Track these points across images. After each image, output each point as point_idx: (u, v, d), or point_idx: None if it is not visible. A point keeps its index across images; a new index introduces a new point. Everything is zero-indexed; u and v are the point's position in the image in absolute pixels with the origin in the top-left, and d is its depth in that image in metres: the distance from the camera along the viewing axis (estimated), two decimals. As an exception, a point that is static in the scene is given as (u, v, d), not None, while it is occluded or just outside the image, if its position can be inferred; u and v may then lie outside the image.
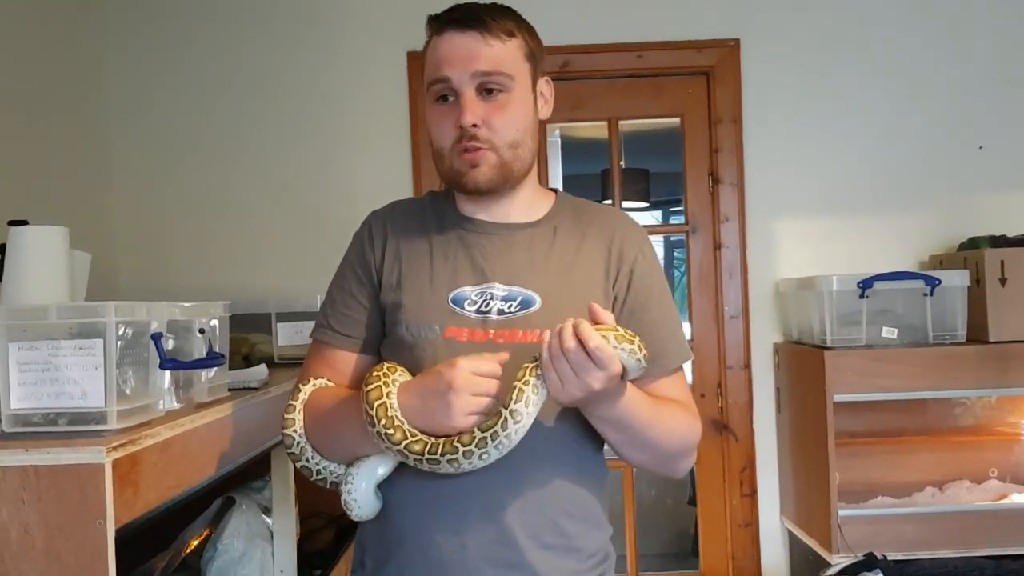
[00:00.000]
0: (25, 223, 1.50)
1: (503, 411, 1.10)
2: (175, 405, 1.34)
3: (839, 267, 2.74)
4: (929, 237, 2.85)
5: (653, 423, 1.20)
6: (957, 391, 2.55)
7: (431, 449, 1.10)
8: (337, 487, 1.24)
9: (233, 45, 2.88)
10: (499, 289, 1.25)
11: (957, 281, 2.50)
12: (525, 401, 1.09)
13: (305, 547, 2.17)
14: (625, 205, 3.37)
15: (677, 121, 2.95)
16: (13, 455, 1.03)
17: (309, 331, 1.35)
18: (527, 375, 1.10)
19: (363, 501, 1.21)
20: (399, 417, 1.12)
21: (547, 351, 1.08)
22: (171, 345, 1.30)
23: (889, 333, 2.47)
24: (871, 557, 2.31)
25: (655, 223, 5.45)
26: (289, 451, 1.25)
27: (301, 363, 1.37)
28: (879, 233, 2.86)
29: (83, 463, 1.03)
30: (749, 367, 2.88)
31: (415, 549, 1.22)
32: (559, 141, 3.55)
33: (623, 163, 3.21)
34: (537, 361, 1.10)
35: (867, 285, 2.46)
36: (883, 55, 2.87)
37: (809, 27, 2.88)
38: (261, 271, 2.83)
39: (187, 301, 1.39)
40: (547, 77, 1.34)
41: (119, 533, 1.06)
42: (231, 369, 1.58)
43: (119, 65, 2.86)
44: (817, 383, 2.44)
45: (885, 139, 2.88)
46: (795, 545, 2.77)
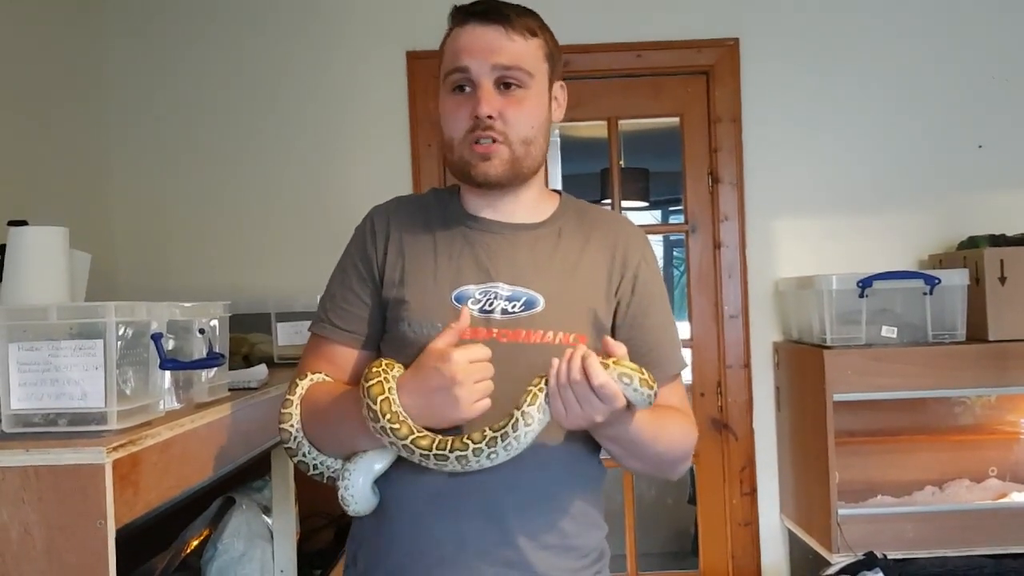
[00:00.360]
0: (25, 223, 1.50)
1: (515, 412, 1.10)
2: (175, 405, 1.34)
3: (839, 266, 2.74)
4: (928, 236, 2.85)
5: (656, 439, 1.21)
6: (957, 390, 2.56)
7: (439, 445, 1.10)
8: (334, 482, 1.24)
9: (233, 45, 2.88)
10: (503, 289, 1.25)
11: (956, 280, 2.50)
12: (538, 407, 1.10)
13: (305, 547, 2.18)
14: (624, 205, 3.37)
15: (676, 120, 2.95)
16: (13, 455, 1.03)
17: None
18: (543, 382, 1.11)
19: (360, 497, 1.21)
20: (403, 412, 1.12)
21: (554, 379, 1.08)
22: (171, 345, 1.29)
23: (889, 332, 2.47)
24: (871, 556, 2.31)
25: (655, 222, 5.44)
26: (286, 446, 1.25)
27: (300, 362, 1.37)
28: (878, 232, 2.86)
29: (83, 463, 1.03)
30: (749, 366, 2.88)
31: (412, 546, 1.22)
32: (558, 141, 3.55)
33: (623, 162, 3.21)
34: None
35: (867, 284, 2.46)
36: (883, 54, 2.87)
37: (808, 26, 2.88)
38: (261, 271, 2.83)
39: (187, 301, 1.39)
40: (562, 82, 1.35)
41: (119, 533, 1.06)
42: (231, 369, 1.58)
43: (119, 65, 2.86)
44: (817, 382, 2.44)
45: (884, 138, 2.88)
46: (795, 544, 2.77)
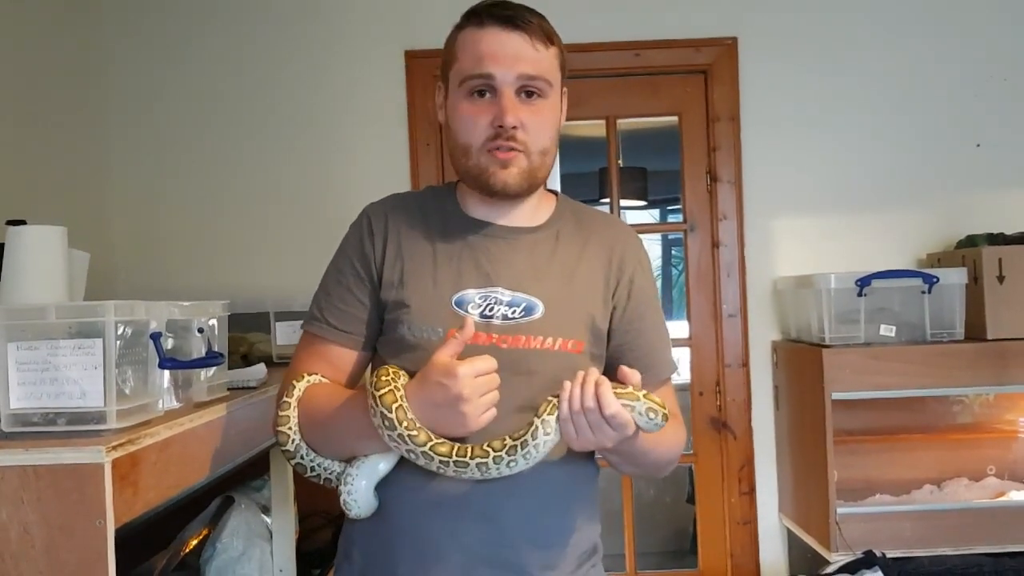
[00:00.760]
0: (23, 223, 1.50)
1: (535, 420, 1.11)
2: (174, 404, 1.34)
3: (837, 265, 2.74)
4: (927, 235, 2.85)
5: (653, 447, 1.23)
6: (955, 389, 2.56)
7: (459, 452, 1.10)
8: (331, 484, 1.24)
9: (232, 45, 2.88)
10: (503, 294, 1.25)
11: (955, 279, 2.50)
12: (557, 416, 1.10)
13: (304, 546, 2.18)
14: (623, 204, 3.37)
15: (675, 120, 2.95)
16: (13, 455, 1.03)
17: (306, 329, 1.33)
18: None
19: (362, 500, 1.21)
20: (418, 420, 1.12)
21: (566, 404, 1.09)
22: (170, 344, 1.29)
23: (887, 331, 2.47)
24: (870, 555, 2.31)
25: (653, 222, 5.42)
26: (284, 449, 1.25)
27: (299, 362, 1.36)
28: (877, 231, 2.86)
29: (83, 463, 1.03)
30: (747, 365, 2.89)
31: (411, 547, 1.22)
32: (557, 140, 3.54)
33: (621, 162, 3.21)
34: None
35: (865, 283, 2.46)
36: (881, 53, 2.87)
37: (807, 25, 2.88)
38: (259, 270, 2.82)
39: (186, 300, 1.38)
40: (565, 88, 1.34)
41: (119, 532, 1.06)
42: (230, 368, 1.58)
43: (118, 65, 2.86)
44: (815, 381, 2.44)
45: (883, 137, 2.88)
46: (794, 543, 2.77)
